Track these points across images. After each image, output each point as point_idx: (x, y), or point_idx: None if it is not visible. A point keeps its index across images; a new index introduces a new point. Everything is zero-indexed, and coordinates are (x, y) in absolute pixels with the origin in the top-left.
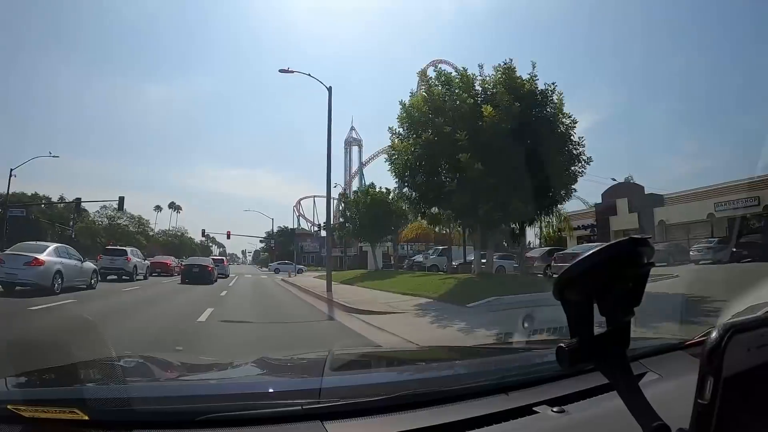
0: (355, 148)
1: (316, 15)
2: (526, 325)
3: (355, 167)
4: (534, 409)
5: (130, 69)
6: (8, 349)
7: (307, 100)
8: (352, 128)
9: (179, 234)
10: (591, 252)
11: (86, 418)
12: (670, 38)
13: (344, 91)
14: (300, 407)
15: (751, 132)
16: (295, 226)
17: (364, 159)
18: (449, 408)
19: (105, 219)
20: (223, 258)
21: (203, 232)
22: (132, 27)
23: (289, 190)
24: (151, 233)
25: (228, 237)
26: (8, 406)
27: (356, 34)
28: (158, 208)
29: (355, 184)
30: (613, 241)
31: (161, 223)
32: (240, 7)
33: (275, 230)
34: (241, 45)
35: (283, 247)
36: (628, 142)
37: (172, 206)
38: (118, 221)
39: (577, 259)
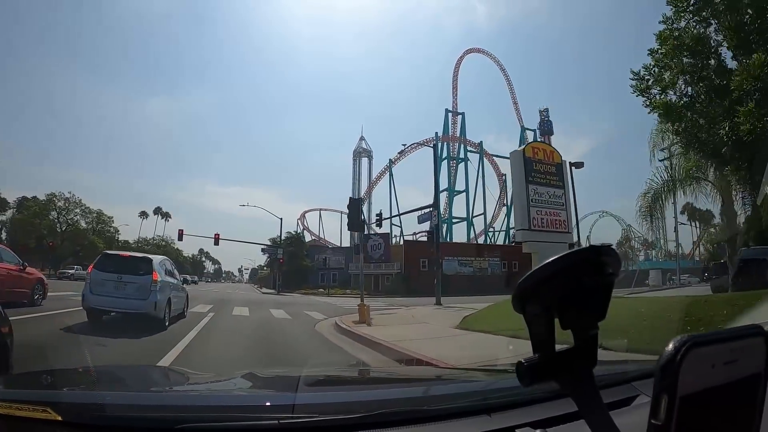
0: (365, 160)
1: (318, 30)
2: None
3: (364, 180)
4: (516, 431)
5: (127, 81)
6: None
7: (306, 119)
8: (362, 138)
9: (163, 243)
10: (549, 260)
11: (59, 418)
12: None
13: (348, 102)
14: (276, 422)
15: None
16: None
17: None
18: (429, 428)
19: (54, 213)
20: (149, 259)
21: (180, 233)
22: (132, 39)
23: (288, 208)
24: (117, 235)
25: (216, 242)
26: None
27: (360, 49)
28: (143, 214)
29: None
30: (573, 250)
31: (147, 232)
32: (243, 19)
33: (283, 237)
34: (241, 61)
35: (293, 260)
36: (624, 168)
37: (159, 212)
38: (69, 215)
39: (534, 269)
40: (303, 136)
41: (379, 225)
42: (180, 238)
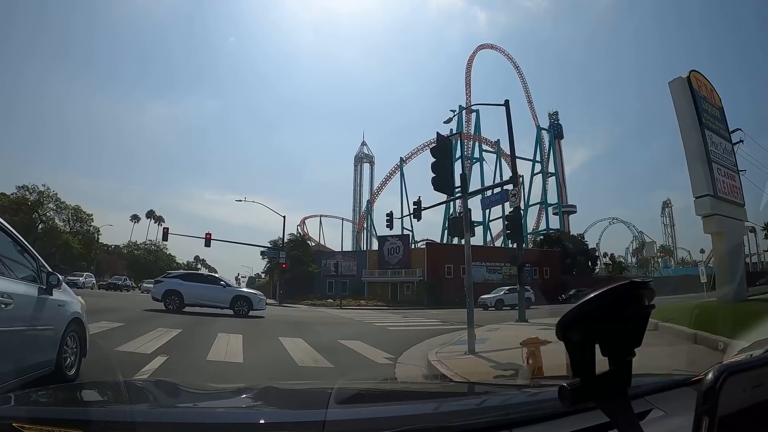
0: (366, 165)
1: (321, 39)
2: None
3: (366, 186)
4: None
5: (125, 86)
6: None
7: (305, 127)
8: (364, 143)
9: (154, 247)
10: (593, 294)
11: None
12: (663, 77)
13: (349, 109)
14: None
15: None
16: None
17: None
18: None
19: (30, 210)
20: None
21: (165, 232)
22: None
23: (288, 218)
24: (98, 235)
25: (207, 244)
26: (13, 424)
27: (360, 55)
28: (135, 218)
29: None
30: (614, 284)
31: (139, 236)
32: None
33: (286, 239)
34: (243, 69)
35: (297, 266)
36: (623, 177)
37: (151, 216)
38: (38, 210)
39: (580, 301)
40: (303, 143)
41: (390, 226)
42: (165, 237)
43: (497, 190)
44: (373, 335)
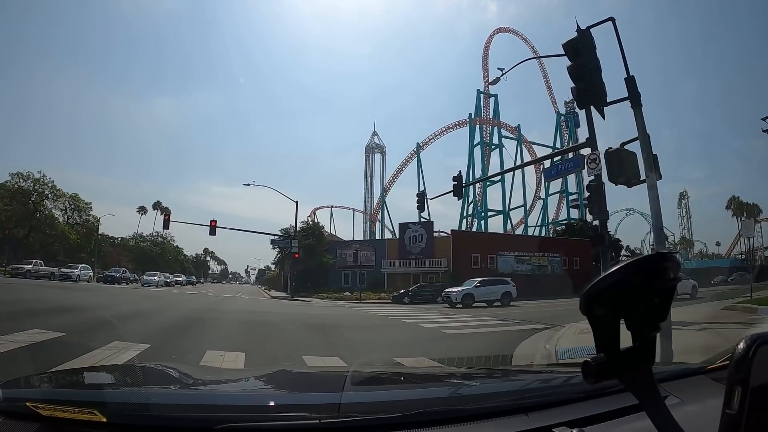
0: (377, 156)
1: (324, 31)
2: None
3: (377, 176)
4: (553, 430)
5: (132, 81)
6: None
7: (316, 120)
8: (375, 133)
9: (160, 239)
10: (618, 266)
11: (104, 420)
12: (683, 63)
13: (358, 102)
14: (318, 421)
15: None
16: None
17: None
18: (468, 427)
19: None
20: None
21: (167, 220)
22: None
23: (297, 209)
24: (97, 224)
25: (212, 232)
26: (27, 404)
27: (366, 48)
28: (142, 210)
29: (397, 190)
30: (639, 257)
31: (146, 229)
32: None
33: (298, 227)
34: (248, 62)
35: (310, 256)
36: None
37: (158, 207)
38: (33, 197)
39: (605, 274)
40: (312, 137)
41: (421, 208)
42: (166, 225)
43: (566, 156)
44: (437, 346)
